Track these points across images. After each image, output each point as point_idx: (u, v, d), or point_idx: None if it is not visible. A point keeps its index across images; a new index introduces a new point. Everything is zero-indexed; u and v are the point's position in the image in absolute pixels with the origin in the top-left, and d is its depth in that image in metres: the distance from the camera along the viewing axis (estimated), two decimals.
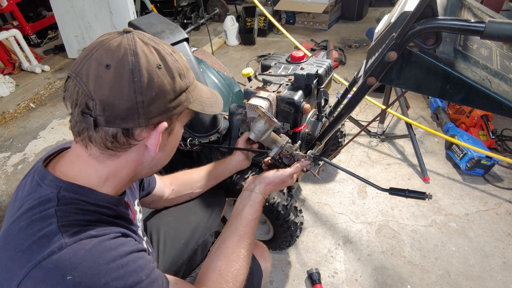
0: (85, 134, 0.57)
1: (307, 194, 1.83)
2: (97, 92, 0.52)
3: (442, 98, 0.76)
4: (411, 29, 0.63)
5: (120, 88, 0.53)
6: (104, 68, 0.52)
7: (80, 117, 0.54)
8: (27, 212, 0.55)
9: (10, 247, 0.52)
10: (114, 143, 0.57)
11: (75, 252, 0.51)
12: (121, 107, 0.53)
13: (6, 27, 3.96)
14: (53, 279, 0.49)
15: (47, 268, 0.49)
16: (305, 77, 1.21)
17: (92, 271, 0.51)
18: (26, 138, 2.63)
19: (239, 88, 1.85)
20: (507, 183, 1.77)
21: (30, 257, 0.50)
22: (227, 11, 4.27)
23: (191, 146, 1.40)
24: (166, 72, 0.57)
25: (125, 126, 0.55)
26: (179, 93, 0.60)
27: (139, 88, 0.53)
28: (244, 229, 0.80)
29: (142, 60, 0.54)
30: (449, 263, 1.44)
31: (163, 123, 0.59)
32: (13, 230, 0.54)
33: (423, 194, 0.89)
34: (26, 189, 0.61)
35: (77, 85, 0.54)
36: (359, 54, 3.24)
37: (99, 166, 0.60)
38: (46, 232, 0.52)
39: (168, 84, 0.57)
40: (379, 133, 2.12)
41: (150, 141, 0.60)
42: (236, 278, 0.72)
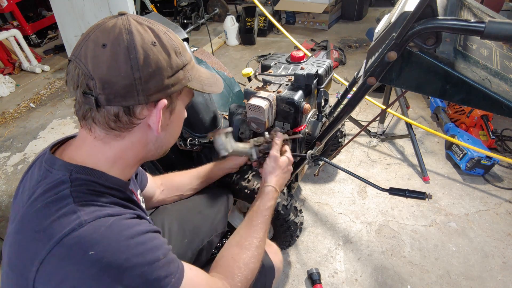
0: (89, 116, 0.58)
1: (307, 194, 1.83)
2: (96, 71, 0.54)
3: (442, 98, 0.76)
4: (411, 29, 0.63)
5: (117, 66, 0.54)
6: (100, 48, 0.54)
7: (82, 98, 0.56)
8: (42, 196, 0.56)
9: (28, 228, 0.53)
10: (117, 122, 0.58)
11: (96, 228, 0.52)
12: (120, 84, 0.55)
13: (6, 27, 3.96)
14: (76, 255, 0.50)
15: (69, 245, 0.50)
16: (305, 77, 1.21)
17: (113, 247, 0.52)
18: (26, 138, 2.63)
19: (239, 88, 1.85)
20: (507, 183, 1.77)
21: (51, 235, 0.51)
22: (227, 11, 4.27)
23: (191, 146, 1.40)
24: (162, 49, 0.58)
25: (126, 104, 0.57)
26: (176, 70, 0.61)
27: (136, 64, 0.55)
28: (256, 220, 0.84)
29: (136, 38, 0.56)
30: (449, 263, 1.44)
31: (163, 101, 0.60)
32: (29, 212, 0.55)
33: (423, 194, 0.89)
34: (34, 178, 0.62)
35: (77, 66, 0.56)
36: (359, 54, 3.24)
37: (106, 148, 0.62)
38: (64, 212, 0.53)
39: (164, 60, 0.58)
40: (379, 133, 2.12)
41: (151, 120, 0.61)
42: (248, 265, 0.74)
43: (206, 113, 1.39)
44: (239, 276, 0.71)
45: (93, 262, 0.50)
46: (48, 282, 0.50)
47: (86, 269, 0.50)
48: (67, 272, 0.50)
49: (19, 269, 0.52)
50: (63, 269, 0.50)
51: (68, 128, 2.70)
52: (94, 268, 0.50)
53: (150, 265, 0.55)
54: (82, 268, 0.50)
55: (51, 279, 0.50)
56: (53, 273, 0.50)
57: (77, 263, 0.50)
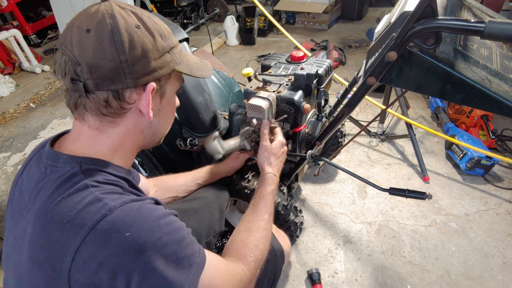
0: (80, 104, 0.59)
1: (307, 194, 1.83)
2: (82, 56, 0.55)
3: (442, 98, 0.76)
4: (411, 29, 0.63)
5: (102, 49, 0.55)
6: (85, 33, 0.55)
7: (71, 85, 0.57)
8: (57, 190, 0.56)
9: (54, 222, 0.53)
10: (108, 107, 0.58)
11: (126, 212, 0.54)
12: (107, 68, 0.55)
13: (6, 27, 3.96)
14: (113, 238, 0.51)
15: (103, 230, 0.51)
16: (305, 77, 1.21)
17: (146, 227, 0.54)
18: (26, 138, 2.63)
19: (239, 88, 1.85)
20: (507, 183, 1.77)
21: (82, 224, 0.51)
22: (227, 11, 4.27)
23: (191, 146, 1.40)
24: (146, 31, 0.59)
25: (114, 88, 0.57)
26: (162, 53, 0.61)
27: (121, 47, 0.55)
28: (260, 205, 0.88)
29: (120, 22, 0.56)
30: (449, 263, 1.44)
31: (151, 84, 0.60)
32: (50, 207, 0.54)
33: (423, 194, 0.89)
34: (34, 177, 0.61)
35: (63, 54, 0.56)
36: (359, 54, 3.24)
37: (103, 137, 0.62)
38: (89, 201, 0.53)
39: (150, 43, 0.59)
40: (379, 133, 2.12)
41: (142, 104, 0.61)
42: (258, 246, 0.77)
43: (206, 113, 1.39)
44: (251, 257, 0.73)
45: (130, 243, 0.51)
46: (85, 269, 0.51)
47: (124, 250, 0.51)
48: (105, 256, 0.51)
49: (50, 263, 0.52)
50: (101, 254, 0.51)
51: (68, 128, 2.69)
52: (131, 249, 0.51)
53: (179, 243, 0.57)
54: (120, 250, 0.51)
55: (89, 266, 0.51)
56: (91, 260, 0.51)
57: (115, 246, 0.51)
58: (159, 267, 0.53)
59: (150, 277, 0.53)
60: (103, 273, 0.51)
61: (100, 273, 0.51)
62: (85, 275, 0.51)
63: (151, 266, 0.52)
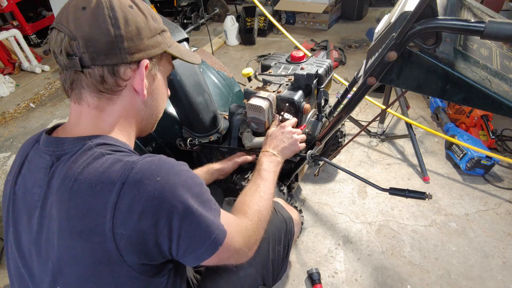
0: (76, 82, 0.60)
1: (307, 194, 1.83)
2: (78, 31, 0.57)
3: (442, 98, 0.76)
4: (411, 29, 0.63)
5: (98, 24, 0.57)
6: (81, 10, 0.57)
7: (67, 61, 0.58)
8: (74, 165, 0.56)
9: (83, 189, 0.54)
10: (104, 83, 0.60)
11: (150, 162, 0.57)
12: (102, 41, 0.57)
13: (6, 27, 3.96)
14: (147, 185, 0.54)
15: (135, 180, 0.54)
16: (305, 77, 1.21)
17: (173, 172, 0.57)
18: (26, 138, 2.61)
19: (239, 88, 1.85)
20: (507, 183, 1.77)
21: (113, 181, 0.53)
22: (227, 11, 4.27)
23: (191, 146, 1.40)
24: (139, 11, 0.62)
25: (109, 62, 0.59)
26: (154, 33, 0.65)
27: (116, 23, 0.58)
28: (254, 178, 0.94)
29: (114, 1, 0.59)
30: (449, 263, 1.44)
31: (145, 60, 0.63)
32: (72, 180, 0.55)
33: (423, 194, 0.89)
34: (40, 168, 0.61)
35: (60, 31, 0.58)
36: (359, 54, 3.24)
37: (103, 116, 0.63)
38: (110, 162, 0.56)
39: (142, 22, 0.62)
40: (379, 133, 2.12)
41: (136, 81, 0.63)
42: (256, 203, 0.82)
43: (206, 113, 1.39)
44: (251, 211, 0.78)
45: (163, 186, 0.54)
46: (128, 221, 0.53)
47: (160, 194, 0.54)
48: (143, 203, 0.53)
49: (91, 228, 0.53)
50: (139, 202, 0.53)
51: None
52: (165, 191, 0.54)
53: (201, 186, 0.62)
54: (156, 194, 0.53)
55: (131, 217, 0.53)
56: (131, 211, 0.53)
57: (150, 191, 0.53)
58: (193, 205, 0.57)
59: (188, 216, 0.56)
60: (145, 221, 0.53)
61: (143, 222, 0.53)
62: (129, 228, 0.53)
63: (186, 205, 0.56)
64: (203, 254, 0.60)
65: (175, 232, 0.56)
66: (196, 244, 0.59)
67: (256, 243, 0.75)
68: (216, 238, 0.61)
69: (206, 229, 0.59)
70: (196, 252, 0.59)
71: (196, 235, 0.58)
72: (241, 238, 0.68)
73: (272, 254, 0.95)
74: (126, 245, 0.53)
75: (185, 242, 0.57)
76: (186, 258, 0.60)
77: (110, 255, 0.53)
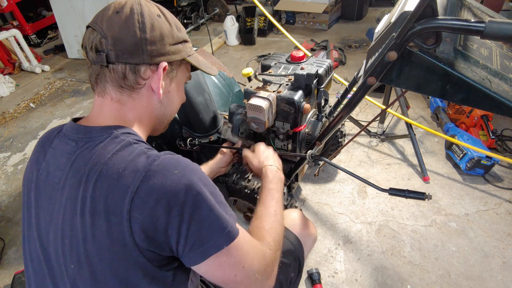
0: (102, 76, 0.67)
1: (307, 194, 1.83)
2: (109, 31, 0.65)
3: (442, 98, 0.76)
4: (411, 29, 0.63)
5: (127, 27, 0.65)
6: (115, 14, 0.66)
7: (95, 56, 0.65)
8: (103, 151, 0.62)
9: (111, 173, 0.59)
10: (125, 80, 0.67)
11: (169, 158, 0.62)
12: (128, 42, 0.65)
13: (6, 27, 3.96)
14: (165, 176, 0.59)
15: (156, 171, 0.59)
16: (305, 77, 1.21)
17: (189, 169, 0.62)
18: (26, 138, 2.63)
19: (239, 88, 1.85)
20: (507, 183, 1.77)
21: (136, 169, 0.59)
22: (227, 11, 4.27)
23: (191, 146, 1.40)
24: (165, 21, 0.70)
25: (132, 61, 0.66)
26: (177, 41, 0.72)
27: (143, 27, 0.66)
28: (264, 195, 0.91)
29: (145, 9, 0.67)
30: (449, 263, 1.44)
31: (164, 63, 0.69)
32: (102, 163, 0.60)
33: (422, 195, 0.89)
34: (64, 153, 0.65)
35: (94, 29, 0.66)
36: (359, 54, 3.24)
37: (125, 110, 0.70)
38: (137, 153, 0.61)
39: (167, 29, 0.69)
40: (379, 133, 2.12)
41: (154, 81, 0.70)
42: (273, 228, 0.79)
43: (206, 113, 1.39)
44: (269, 238, 0.75)
45: (179, 178, 0.59)
46: (144, 206, 0.57)
47: (176, 185, 0.58)
48: (160, 192, 0.57)
49: (111, 209, 0.57)
50: (157, 190, 0.57)
51: None
52: (181, 183, 0.59)
53: (215, 188, 0.65)
54: (173, 185, 0.58)
55: (147, 203, 0.57)
56: (148, 197, 0.57)
57: (167, 181, 0.58)
58: (206, 199, 0.60)
59: (199, 209, 0.59)
60: (160, 207, 0.57)
61: (157, 208, 0.57)
62: (144, 212, 0.57)
63: (200, 198, 0.59)
64: (209, 249, 0.59)
65: (185, 222, 0.58)
66: (205, 236, 0.59)
67: (274, 274, 0.71)
68: (227, 234, 0.60)
69: (219, 222, 0.60)
70: (202, 246, 0.59)
71: (206, 227, 0.59)
72: (256, 261, 0.64)
73: (282, 277, 0.94)
74: (139, 229, 0.57)
75: (194, 233, 0.59)
76: (192, 253, 0.60)
77: (124, 236, 0.57)
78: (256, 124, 1.22)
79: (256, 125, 1.23)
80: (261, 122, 1.20)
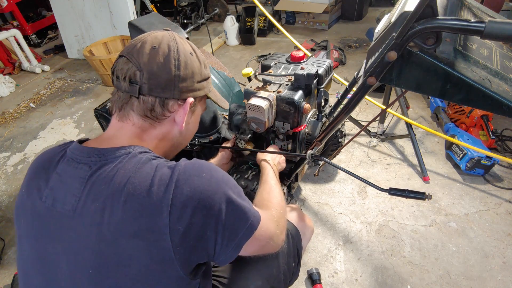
0: (127, 105, 0.69)
1: (307, 194, 1.83)
2: (146, 65, 0.67)
3: (442, 98, 0.76)
4: (411, 29, 0.63)
5: (164, 63, 0.68)
6: (152, 48, 0.68)
7: (128, 86, 0.67)
8: (123, 171, 0.61)
9: (139, 191, 0.58)
10: (152, 111, 0.69)
11: (191, 164, 0.64)
12: (163, 78, 0.68)
13: (6, 27, 3.96)
14: (196, 181, 0.61)
15: (184, 179, 0.60)
16: (305, 77, 1.21)
17: (213, 169, 0.65)
18: (26, 138, 2.63)
19: (239, 88, 1.85)
20: (507, 183, 1.77)
21: (165, 182, 0.59)
22: (227, 11, 4.27)
23: (191, 146, 1.40)
24: (197, 59, 0.74)
25: (163, 95, 0.69)
26: (204, 79, 0.77)
27: (178, 65, 0.69)
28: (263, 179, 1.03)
29: (180, 46, 0.71)
30: (449, 263, 1.44)
31: (191, 98, 0.73)
32: (125, 183, 0.59)
33: (422, 195, 0.89)
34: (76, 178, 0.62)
35: (129, 60, 0.68)
36: (359, 54, 3.24)
37: (144, 135, 0.71)
38: (158, 167, 0.62)
39: (197, 68, 0.74)
40: (379, 133, 2.12)
41: (179, 114, 0.73)
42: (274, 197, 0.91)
43: (206, 113, 1.39)
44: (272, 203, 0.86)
45: (209, 180, 0.62)
46: (183, 216, 0.58)
47: (208, 186, 0.61)
48: (195, 198, 0.59)
49: (146, 227, 0.57)
50: (192, 198, 0.59)
51: (68, 128, 2.70)
52: (212, 185, 0.62)
53: (233, 180, 0.69)
54: (205, 187, 0.61)
55: (185, 211, 0.58)
56: (185, 206, 0.58)
57: (200, 185, 0.60)
58: (232, 196, 0.64)
59: (230, 205, 0.63)
60: (198, 213, 0.59)
61: (196, 215, 0.59)
62: (184, 223, 0.58)
63: (229, 196, 0.63)
64: (241, 239, 0.65)
65: (220, 221, 0.61)
66: (237, 229, 0.64)
67: (285, 226, 0.83)
68: (253, 221, 0.66)
69: (244, 214, 0.65)
70: (236, 238, 0.64)
71: (237, 221, 0.64)
72: (272, 223, 0.75)
73: (283, 265, 1.00)
74: (180, 241, 0.58)
75: (229, 229, 0.62)
76: (228, 249, 0.64)
77: (164, 253, 0.57)
78: (256, 124, 1.22)
79: (256, 125, 1.23)
80: (261, 122, 1.20)
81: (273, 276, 0.96)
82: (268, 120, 1.21)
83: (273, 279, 0.96)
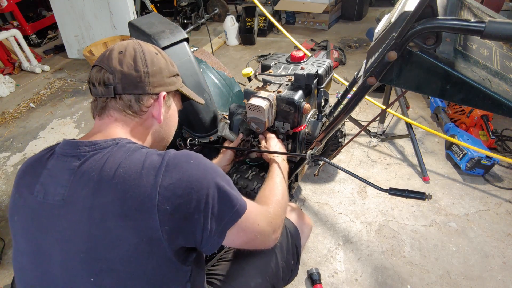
0: (106, 106, 0.75)
1: (307, 194, 1.83)
2: (117, 68, 0.73)
3: (442, 98, 0.76)
4: (411, 29, 0.63)
5: (132, 63, 0.75)
6: (120, 53, 0.75)
7: (103, 89, 0.73)
8: (113, 158, 0.64)
9: (129, 174, 0.61)
10: (130, 108, 0.75)
11: (181, 152, 0.69)
12: (134, 76, 0.74)
13: (6, 27, 3.96)
14: (185, 166, 0.64)
15: (174, 164, 0.64)
16: (305, 77, 1.21)
17: (200, 157, 0.69)
18: (26, 138, 2.63)
19: (239, 88, 1.85)
20: (507, 183, 1.77)
21: (154, 166, 0.63)
22: (227, 11, 4.27)
23: (191, 146, 1.40)
24: (162, 57, 0.81)
25: (137, 92, 0.75)
26: (172, 75, 0.83)
27: (145, 63, 0.76)
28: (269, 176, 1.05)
29: (145, 48, 0.79)
30: (449, 263, 1.44)
31: (163, 92, 0.80)
32: (115, 169, 0.62)
33: (422, 195, 0.89)
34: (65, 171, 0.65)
35: (101, 67, 0.74)
36: (359, 54, 3.24)
37: (127, 128, 0.76)
38: (148, 154, 0.66)
39: (164, 64, 0.81)
40: (379, 133, 2.12)
41: (155, 108, 0.79)
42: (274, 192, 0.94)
43: (206, 113, 1.39)
44: (271, 200, 0.89)
45: (198, 166, 0.66)
46: (171, 197, 0.61)
47: (197, 171, 0.65)
48: (184, 181, 0.62)
49: (136, 207, 0.59)
50: (180, 180, 0.62)
51: (68, 128, 2.70)
52: (200, 170, 0.65)
53: (221, 170, 0.72)
54: (194, 173, 0.64)
55: (174, 193, 0.61)
56: (174, 187, 0.61)
57: (188, 170, 0.64)
58: (220, 182, 0.67)
59: (218, 191, 0.66)
60: (187, 195, 0.61)
61: (185, 197, 0.61)
62: (173, 203, 0.60)
63: (218, 182, 0.66)
64: (226, 224, 0.67)
65: (208, 204, 0.64)
66: (223, 213, 0.66)
67: (280, 226, 0.84)
68: (238, 209, 0.69)
69: (231, 201, 0.68)
70: (222, 223, 0.66)
71: (223, 205, 0.66)
72: (263, 219, 0.77)
73: (282, 262, 1.01)
74: (168, 221, 0.60)
75: (215, 214, 0.65)
76: (214, 235, 0.66)
77: (152, 232, 0.59)
78: (256, 124, 1.22)
79: (256, 125, 1.23)
80: (261, 122, 1.20)
81: (272, 273, 0.97)
82: (268, 120, 1.21)
83: (272, 276, 0.97)
